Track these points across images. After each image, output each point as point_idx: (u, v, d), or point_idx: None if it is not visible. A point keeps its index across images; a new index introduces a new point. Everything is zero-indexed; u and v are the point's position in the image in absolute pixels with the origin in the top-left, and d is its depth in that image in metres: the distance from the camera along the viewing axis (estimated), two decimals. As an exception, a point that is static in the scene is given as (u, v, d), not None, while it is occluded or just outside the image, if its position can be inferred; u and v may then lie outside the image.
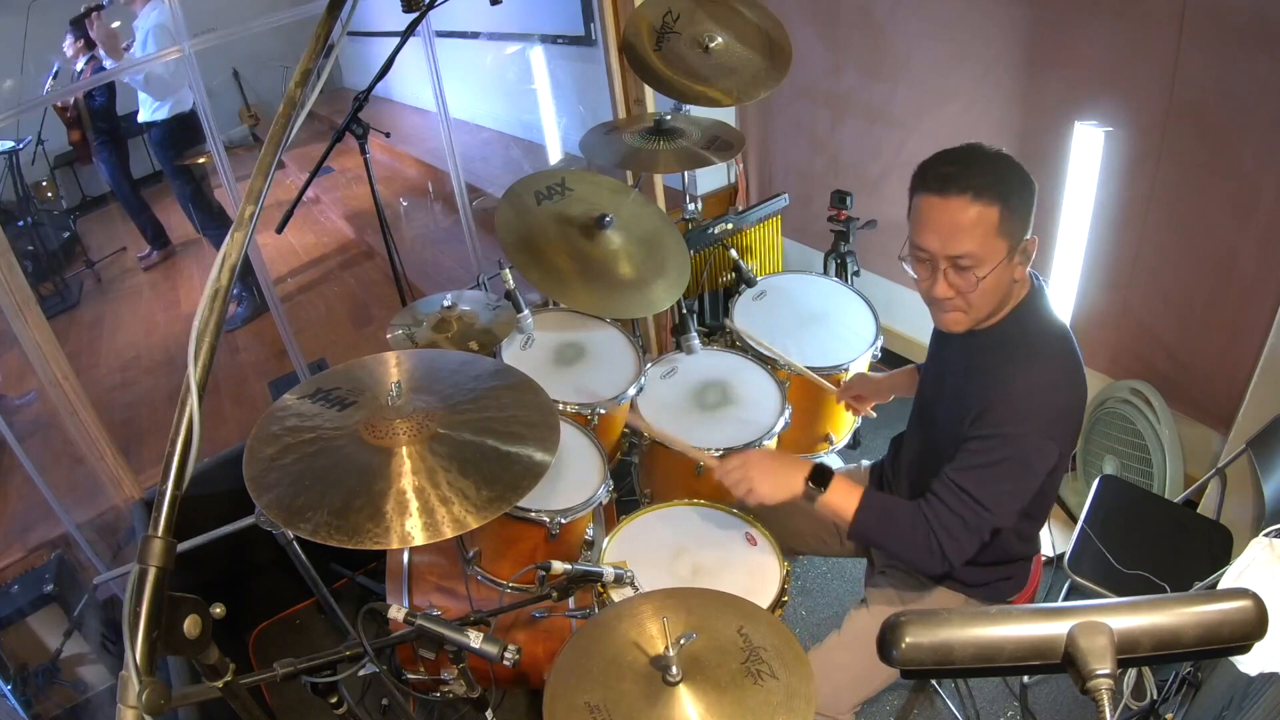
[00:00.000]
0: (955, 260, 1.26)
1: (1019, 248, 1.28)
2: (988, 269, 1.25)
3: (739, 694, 1.15)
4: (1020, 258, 1.29)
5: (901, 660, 0.71)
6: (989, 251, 1.25)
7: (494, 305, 2.15)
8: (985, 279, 1.26)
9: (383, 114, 5.37)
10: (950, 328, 1.36)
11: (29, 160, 4.50)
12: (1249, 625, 0.68)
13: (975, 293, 1.28)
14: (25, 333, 2.10)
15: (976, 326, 1.37)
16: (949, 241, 1.25)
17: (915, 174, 1.30)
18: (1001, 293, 1.32)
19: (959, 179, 1.23)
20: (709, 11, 2.20)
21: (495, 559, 1.79)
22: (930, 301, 1.36)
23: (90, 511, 2.49)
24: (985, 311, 1.33)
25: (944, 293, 1.30)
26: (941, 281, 1.29)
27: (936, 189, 1.25)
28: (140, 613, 0.72)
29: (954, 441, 1.35)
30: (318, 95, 0.94)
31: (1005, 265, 1.27)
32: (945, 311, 1.35)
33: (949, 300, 1.31)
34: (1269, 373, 1.99)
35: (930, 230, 1.27)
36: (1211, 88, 1.97)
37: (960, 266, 1.26)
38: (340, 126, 2.07)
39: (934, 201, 1.26)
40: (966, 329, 1.36)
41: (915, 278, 1.36)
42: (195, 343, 0.80)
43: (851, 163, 3.04)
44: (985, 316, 1.35)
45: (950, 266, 1.27)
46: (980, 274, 1.25)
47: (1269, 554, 1.36)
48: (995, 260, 1.25)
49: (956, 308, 1.33)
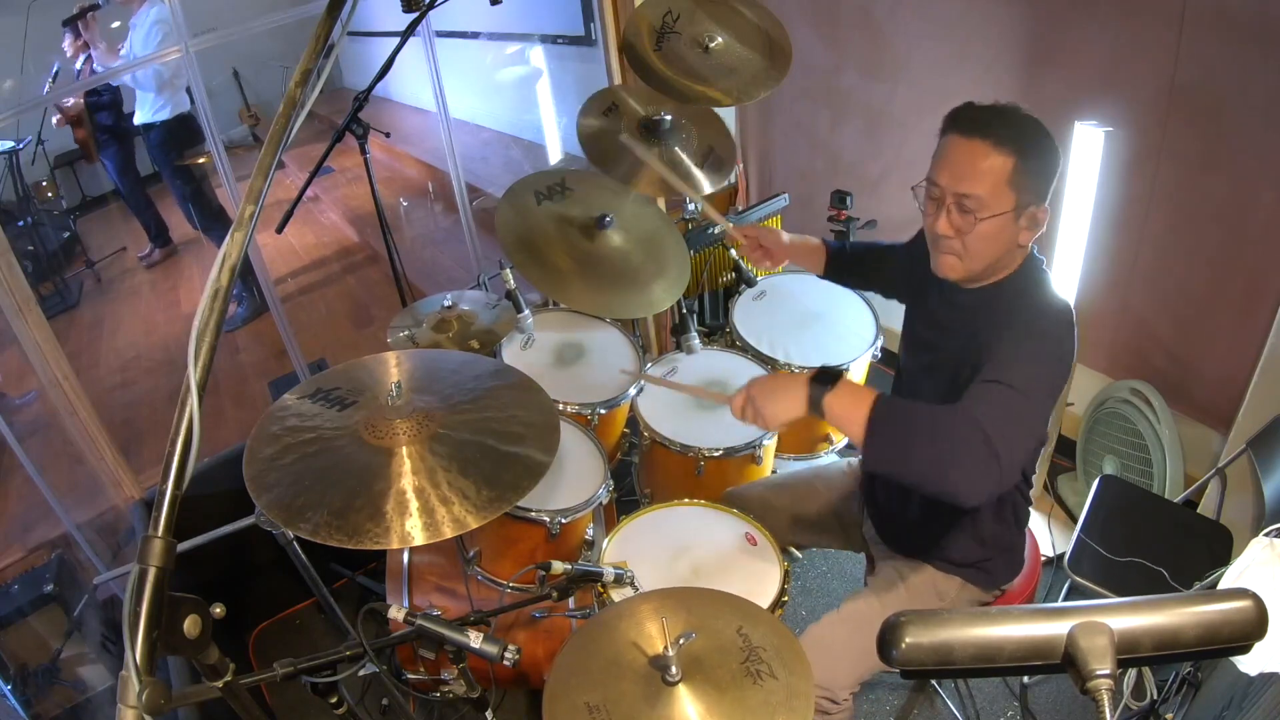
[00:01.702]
0: (961, 199, 1.29)
1: (1027, 210, 1.30)
2: (988, 214, 1.28)
3: (739, 694, 1.15)
4: (1026, 221, 1.32)
5: (901, 660, 0.71)
6: (995, 199, 1.28)
7: (494, 305, 2.15)
8: (983, 223, 1.29)
9: (383, 114, 5.37)
10: (945, 271, 1.38)
11: (29, 160, 4.50)
12: (1249, 625, 0.68)
13: (972, 235, 1.31)
14: (25, 333, 2.11)
15: (974, 283, 1.39)
16: (959, 179, 1.29)
17: (947, 116, 1.35)
18: (999, 248, 1.34)
19: (985, 125, 1.28)
20: (709, 11, 2.20)
21: (495, 559, 1.79)
22: (931, 239, 1.38)
23: (90, 511, 2.49)
24: (980, 262, 1.35)
25: (944, 229, 1.33)
26: (944, 218, 1.32)
27: (963, 129, 1.30)
28: (140, 613, 0.72)
29: None
30: (318, 95, 0.94)
31: (1009, 220, 1.30)
32: (942, 253, 1.37)
33: (947, 240, 1.34)
34: (1269, 373, 1.99)
35: (946, 166, 1.32)
36: (1211, 87, 1.97)
37: (964, 208, 1.29)
38: (340, 126, 2.07)
39: (957, 140, 1.31)
40: (959, 277, 1.38)
41: (924, 212, 1.38)
42: (195, 343, 0.80)
43: (851, 163, 3.04)
44: (978, 270, 1.36)
45: (954, 204, 1.30)
46: (981, 215, 1.28)
47: (1269, 554, 1.36)
48: (998, 209, 1.28)
49: (953, 250, 1.35)
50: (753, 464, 2.01)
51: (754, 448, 1.96)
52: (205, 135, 2.54)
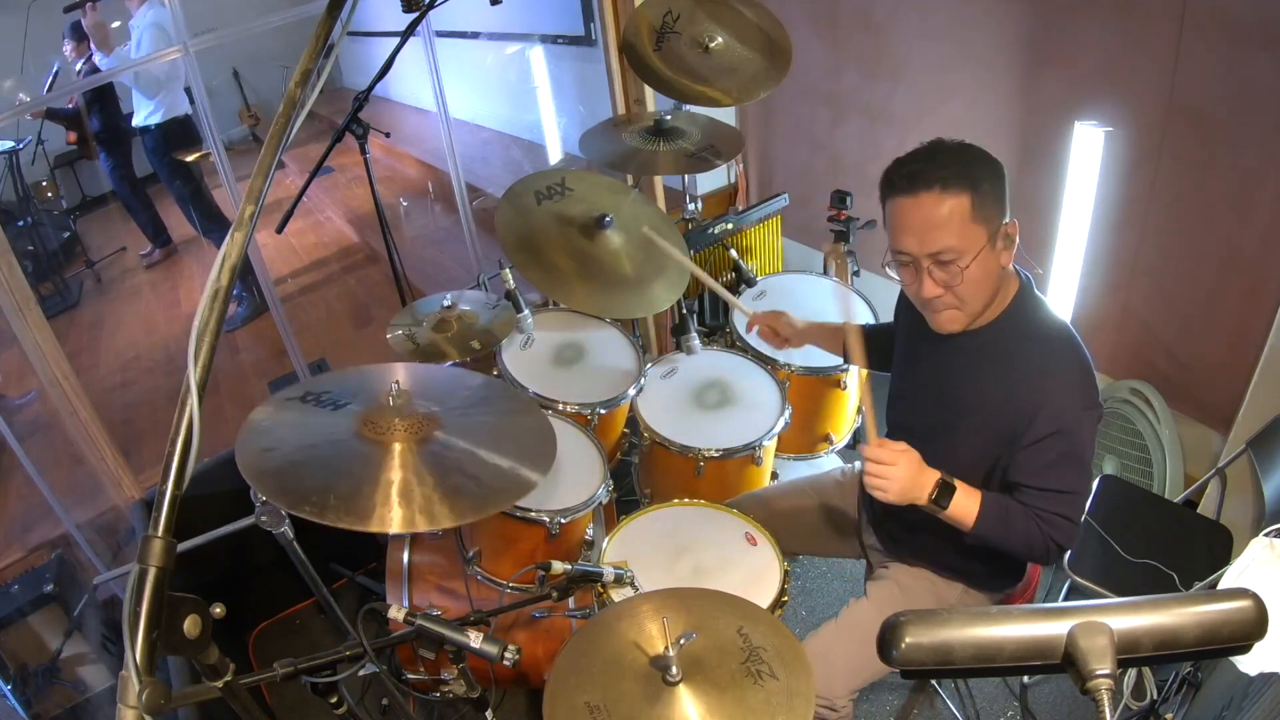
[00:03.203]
0: (936, 256, 1.27)
1: (998, 233, 1.28)
2: (969, 258, 1.26)
3: (739, 694, 1.15)
4: (1003, 243, 1.30)
5: (901, 660, 0.71)
6: (967, 241, 1.25)
7: (494, 305, 2.15)
8: (969, 268, 1.26)
9: (383, 114, 5.37)
10: (947, 327, 1.36)
11: (29, 160, 4.50)
12: (1249, 625, 0.68)
13: (963, 285, 1.28)
14: (25, 333, 2.10)
15: (973, 324, 1.37)
16: (926, 239, 1.26)
17: (882, 181, 1.31)
18: (991, 284, 1.32)
19: (925, 175, 1.24)
20: (709, 11, 2.20)
21: (495, 559, 1.79)
22: (922, 305, 1.36)
23: (90, 511, 2.49)
24: (978, 305, 1.33)
25: (931, 291, 1.30)
26: (927, 281, 1.30)
27: (905, 189, 1.27)
28: (140, 613, 0.72)
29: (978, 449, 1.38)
30: (318, 95, 0.94)
31: (988, 252, 1.27)
32: (938, 311, 1.34)
33: (939, 299, 1.32)
34: (1269, 373, 1.99)
35: (906, 231, 1.28)
36: (1211, 87, 1.97)
37: (941, 261, 1.27)
38: (340, 126, 2.07)
39: (905, 202, 1.27)
40: (963, 327, 1.36)
41: (902, 282, 1.36)
42: (195, 343, 0.80)
43: (851, 163, 3.04)
44: (980, 311, 1.35)
45: (933, 264, 1.28)
46: (963, 264, 1.26)
47: (1269, 554, 1.36)
48: (975, 248, 1.26)
49: (949, 305, 1.32)
50: (752, 464, 2.01)
51: (753, 448, 1.96)
52: (205, 135, 2.54)
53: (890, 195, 1.29)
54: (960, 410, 1.42)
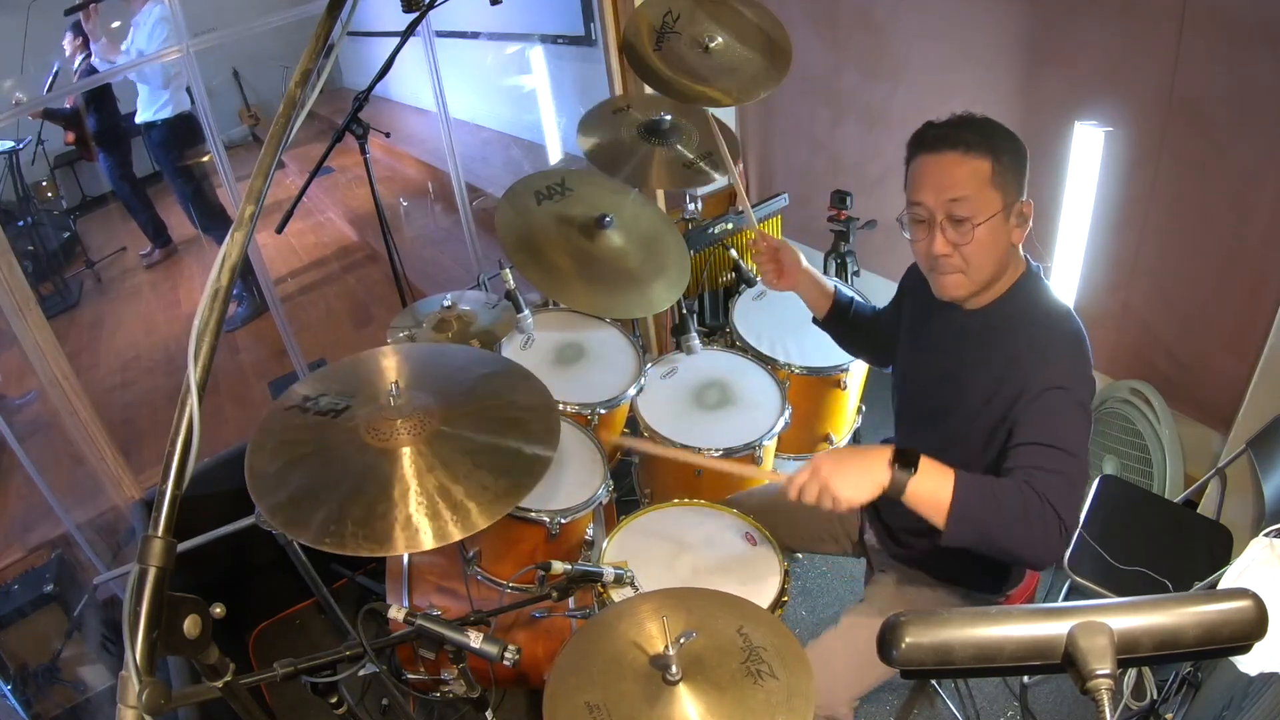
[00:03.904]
0: (951, 209, 1.29)
1: (1013, 206, 1.31)
2: (982, 218, 1.28)
3: (739, 694, 1.15)
4: (1016, 220, 1.32)
5: (901, 660, 0.71)
6: (983, 200, 1.28)
7: (494, 305, 2.15)
8: (980, 229, 1.28)
9: (383, 114, 5.37)
10: (950, 292, 1.37)
11: (29, 160, 4.50)
12: (1249, 625, 0.68)
13: (971, 245, 1.30)
14: (25, 333, 2.11)
15: (976, 302, 1.38)
16: (943, 190, 1.29)
17: (910, 140, 1.36)
18: (999, 254, 1.33)
19: (950, 137, 1.29)
20: (709, 11, 2.20)
21: (495, 559, 1.79)
22: (930, 263, 1.37)
23: (90, 511, 2.49)
24: (984, 274, 1.34)
25: (942, 248, 1.31)
26: (939, 237, 1.31)
27: (930, 147, 1.31)
28: (140, 613, 0.72)
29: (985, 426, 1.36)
30: (318, 95, 0.94)
31: (1000, 221, 1.29)
32: (945, 274, 1.35)
33: (947, 259, 1.33)
34: (1269, 373, 1.99)
35: (925, 185, 1.31)
36: (1211, 88, 1.97)
37: (956, 219, 1.29)
38: (340, 126, 2.07)
39: (928, 159, 1.31)
40: (967, 293, 1.37)
41: (913, 239, 1.37)
42: (195, 343, 0.80)
43: (851, 163, 3.04)
44: (984, 281, 1.35)
45: (946, 219, 1.30)
46: (975, 222, 1.28)
47: (1269, 554, 1.36)
48: (989, 212, 1.28)
49: (955, 268, 1.34)
50: (752, 464, 2.01)
51: (753, 449, 1.96)
52: (205, 135, 2.54)
53: (917, 153, 1.34)
54: (963, 388, 1.41)
